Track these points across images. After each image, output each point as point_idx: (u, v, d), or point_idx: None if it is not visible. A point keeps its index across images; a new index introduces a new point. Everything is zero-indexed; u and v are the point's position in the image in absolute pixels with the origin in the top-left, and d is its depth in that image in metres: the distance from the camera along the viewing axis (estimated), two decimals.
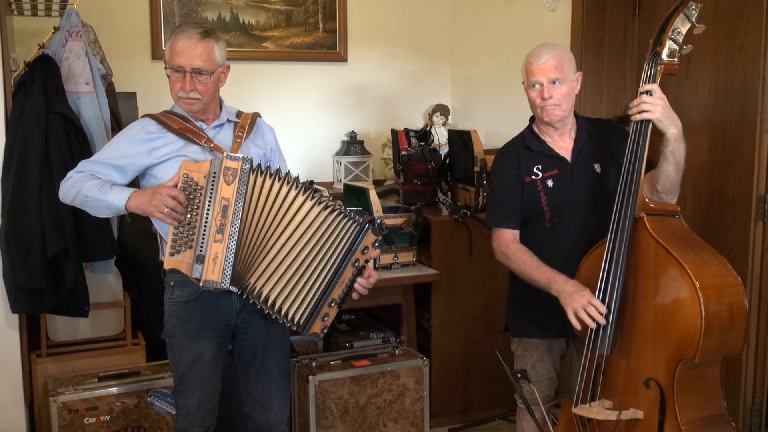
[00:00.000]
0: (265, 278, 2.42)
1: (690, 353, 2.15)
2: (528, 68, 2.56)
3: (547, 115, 2.58)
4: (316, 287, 2.44)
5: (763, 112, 3.02)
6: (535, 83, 2.55)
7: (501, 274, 2.81)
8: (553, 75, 2.52)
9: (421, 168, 4.10)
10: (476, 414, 3.91)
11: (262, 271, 2.42)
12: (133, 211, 2.41)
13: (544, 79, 2.53)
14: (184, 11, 4.28)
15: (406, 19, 4.81)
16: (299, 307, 2.43)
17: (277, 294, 2.42)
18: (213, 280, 2.36)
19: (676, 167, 2.41)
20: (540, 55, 2.54)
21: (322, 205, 2.43)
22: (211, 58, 2.47)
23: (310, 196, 2.44)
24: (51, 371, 3.31)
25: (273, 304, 2.42)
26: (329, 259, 2.44)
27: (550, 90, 2.53)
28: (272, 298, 2.42)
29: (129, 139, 2.52)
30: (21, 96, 3.14)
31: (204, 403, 2.59)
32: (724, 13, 3.11)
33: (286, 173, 2.46)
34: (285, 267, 2.42)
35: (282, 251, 2.42)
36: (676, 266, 2.18)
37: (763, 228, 3.08)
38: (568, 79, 2.55)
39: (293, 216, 2.43)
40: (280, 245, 2.42)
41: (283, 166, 2.68)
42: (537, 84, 2.54)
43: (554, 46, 2.60)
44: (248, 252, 2.41)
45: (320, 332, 2.47)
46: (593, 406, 2.38)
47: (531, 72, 2.55)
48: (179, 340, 2.56)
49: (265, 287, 2.42)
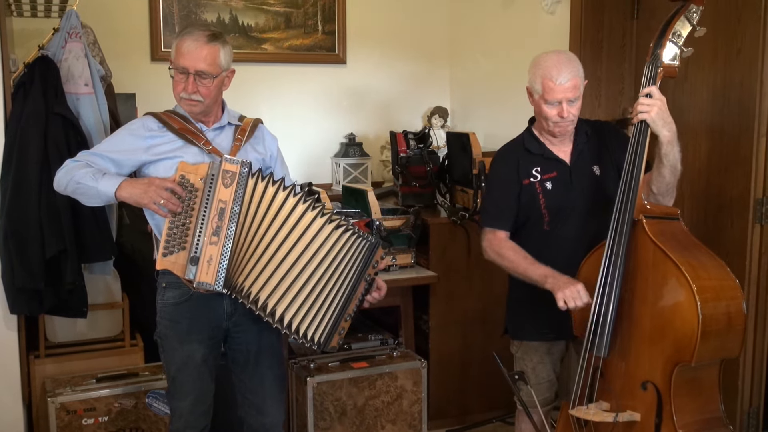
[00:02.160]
0: (261, 284, 2.41)
1: (687, 356, 2.15)
2: (547, 84, 2.50)
3: (561, 132, 2.58)
4: (334, 306, 2.47)
5: (761, 116, 3.03)
6: (554, 102, 2.52)
7: (499, 276, 2.81)
8: (572, 95, 2.51)
9: (419, 170, 4.10)
10: (474, 416, 3.91)
11: (256, 276, 2.41)
12: (124, 200, 2.39)
13: (564, 99, 2.51)
14: (184, 13, 4.28)
15: (405, 22, 4.81)
16: (318, 327, 2.46)
17: (292, 314, 2.43)
18: (206, 282, 2.36)
19: (671, 170, 2.41)
20: (561, 73, 2.49)
21: (334, 223, 2.45)
22: (215, 61, 2.48)
23: (311, 206, 2.45)
24: (49, 372, 3.31)
25: (289, 324, 2.42)
26: (345, 279, 2.47)
27: (569, 109, 2.52)
28: (279, 313, 2.42)
29: (129, 134, 2.53)
30: (20, 97, 3.14)
31: (197, 404, 2.59)
32: (722, 16, 3.12)
33: (281, 179, 2.47)
34: (298, 285, 2.43)
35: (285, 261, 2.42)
36: (673, 269, 2.18)
37: (761, 231, 3.08)
38: (581, 94, 2.55)
39: (294, 225, 2.43)
40: (274, 250, 2.42)
41: (287, 175, 2.69)
42: (555, 102, 2.52)
43: (570, 58, 2.56)
44: (243, 256, 2.41)
45: (337, 345, 2.50)
46: (590, 408, 2.39)
47: (551, 90, 2.50)
48: (170, 342, 2.56)
49: (262, 293, 2.41)
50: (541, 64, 2.54)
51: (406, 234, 3.72)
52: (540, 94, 2.54)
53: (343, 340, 2.52)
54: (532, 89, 2.58)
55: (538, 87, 2.54)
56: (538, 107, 2.58)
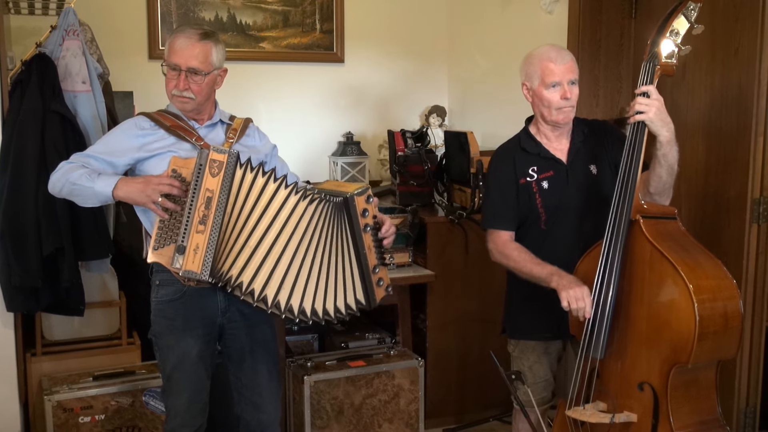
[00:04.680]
0: (251, 273, 2.38)
1: (683, 357, 2.15)
2: (547, 67, 2.51)
3: (565, 117, 2.57)
4: (354, 273, 2.46)
5: (759, 116, 3.02)
6: (555, 83, 2.52)
7: (497, 275, 2.82)
8: (573, 75, 2.52)
9: (417, 169, 4.10)
10: (471, 415, 3.91)
11: (243, 264, 2.38)
12: (121, 199, 2.39)
13: (565, 80, 2.51)
14: (181, 11, 4.28)
15: (403, 21, 4.81)
16: (346, 296, 2.46)
17: (312, 300, 2.41)
18: (192, 271, 2.33)
19: (668, 170, 2.41)
20: (561, 55, 2.52)
21: (308, 198, 2.41)
22: (207, 59, 2.49)
23: (293, 191, 2.41)
24: (46, 370, 3.31)
25: (290, 307, 2.39)
26: (332, 244, 2.43)
27: (571, 90, 2.52)
28: (271, 298, 2.38)
29: (121, 134, 2.54)
30: (18, 95, 3.14)
31: (193, 402, 2.58)
32: (720, 16, 3.12)
33: (272, 170, 2.44)
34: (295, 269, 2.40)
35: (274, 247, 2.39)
36: (670, 269, 2.18)
37: (758, 231, 3.08)
38: (578, 82, 2.56)
39: (278, 210, 2.40)
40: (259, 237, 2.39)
41: (285, 169, 2.70)
42: (557, 84, 2.52)
43: (562, 47, 2.60)
44: (229, 244, 2.38)
45: (385, 292, 2.53)
46: (587, 409, 2.39)
47: (551, 72, 2.51)
48: (165, 340, 2.56)
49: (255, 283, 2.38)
50: (536, 54, 2.57)
51: (403, 233, 3.72)
52: (540, 80, 2.54)
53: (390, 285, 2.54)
54: (529, 82, 2.58)
55: (536, 74, 2.54)
56: (539, 96, 2.57)
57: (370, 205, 2.46)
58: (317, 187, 2.57)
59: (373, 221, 2.48)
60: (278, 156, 2.79)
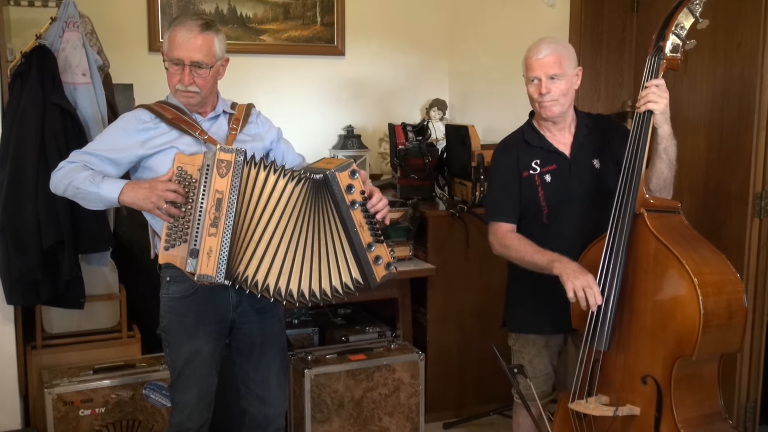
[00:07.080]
0: (265, 269, 2.37)
1: (688, 350, 2.15)
2: (527, 62, 2.55)
3: (545, 111, 2.57)
4: (346, 252, 2.41)
5: (761, 110, 3.02)
6: (533, 78, 2.54)
7: (497, 269, 2.81)
8: (552, 71, 2.51)
9: (418, 163, 4.09)
10: (471, 409, 3.91)
11: (258, 262, 2.37)
12: (127, 205, 2.37)
13: (542, 75, 2.52)
14: (182, 3, 4.26)
15: (404, 14, 4.79)
16: (341, 276, 2.42)
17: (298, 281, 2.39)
18: (207, 275, 2.31)
19: (669, 165, 2.41)
20: (539, 49, 2.53)
21: (294, 180, 2.37)
22: (210, 51, 2.45)
23: (290, 177, 2.38)
24: (46, 363, 3.30)
25: (302, 293, 2.38)
26: (325, 225, 2.40)
27: (548, 85, 2.52)
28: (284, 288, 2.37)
29: (122, 129, 2.49)
30: (17, 87, 3.12)
31: (202, 398, 2.57)
32: (722, 9, 3.11)
33: (282, 165, 2.42)
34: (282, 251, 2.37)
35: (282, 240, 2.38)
36: (675, 263, 2.18)
37: (760, 225, 3.08)
38: (567, 74, 2.54)
39: (286, 203, 2.38)
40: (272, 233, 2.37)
41: (291, 152, 2.70)
42: (535, 79, 2.53)
43: (555, 40, 2.59)
44: (243, 244, 2.37)
45: (387, 271, 2.46)
46: (590, 402, 2.39)
47: (530, 67, 2.54)
48: (176, 337, 2.54)
49: (270, 278, 2.37)
50: (529, 47, 2.58)
51: (404, 226, 3.71)
52: (525, 74, 2.58)
53: (393, 263, 2.47)
54: (523, 75, 2.60)
55: (523, 68, 2.58)
56: (527, 91, 2.59)
57: (355, 180, 2.39)
58: (310, 167, 2.52)
59: (361, 197, 2.41)
60: (283, 138, 2.75)
